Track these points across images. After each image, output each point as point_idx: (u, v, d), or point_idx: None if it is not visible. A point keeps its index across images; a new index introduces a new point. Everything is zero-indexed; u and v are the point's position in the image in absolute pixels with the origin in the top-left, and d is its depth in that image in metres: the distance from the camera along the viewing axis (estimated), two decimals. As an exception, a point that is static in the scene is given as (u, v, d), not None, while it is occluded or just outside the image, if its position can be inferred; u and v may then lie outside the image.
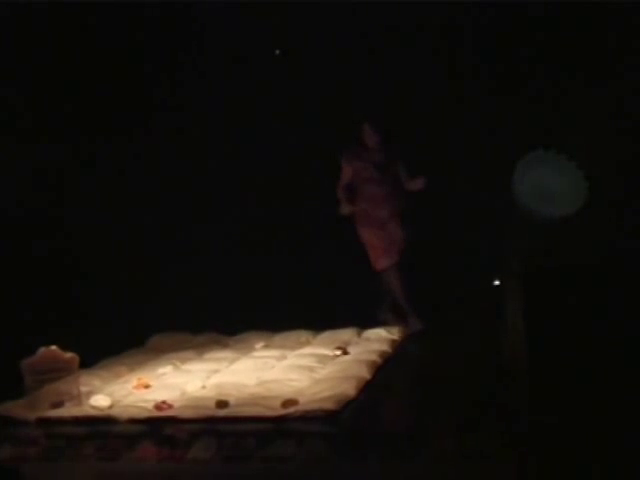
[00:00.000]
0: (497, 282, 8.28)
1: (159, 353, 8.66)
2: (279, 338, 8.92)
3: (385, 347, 8.35)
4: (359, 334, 8.87)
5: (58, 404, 7.09)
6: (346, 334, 8.84)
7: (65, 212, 9.19)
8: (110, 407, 7.03)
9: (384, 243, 8.91)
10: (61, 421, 6.90)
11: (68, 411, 7.01)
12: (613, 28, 8.18)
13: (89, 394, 7.28)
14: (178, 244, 9.55)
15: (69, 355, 7.27)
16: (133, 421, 6.80)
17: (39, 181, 9.06)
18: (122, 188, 9.50)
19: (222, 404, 6.90)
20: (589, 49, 8.17)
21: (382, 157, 8.85)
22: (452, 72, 8.84)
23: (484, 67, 8.62)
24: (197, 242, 9.55)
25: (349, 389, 7.08)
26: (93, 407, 7.03)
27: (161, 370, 8.02)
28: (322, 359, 8.04)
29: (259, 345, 8.74)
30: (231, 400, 6.98)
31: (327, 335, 8.87)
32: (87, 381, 7.54)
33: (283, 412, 6.72)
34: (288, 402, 6.84)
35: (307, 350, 8.41)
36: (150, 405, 6.97)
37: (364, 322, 8.91)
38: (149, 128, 9.51)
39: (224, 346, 8.86)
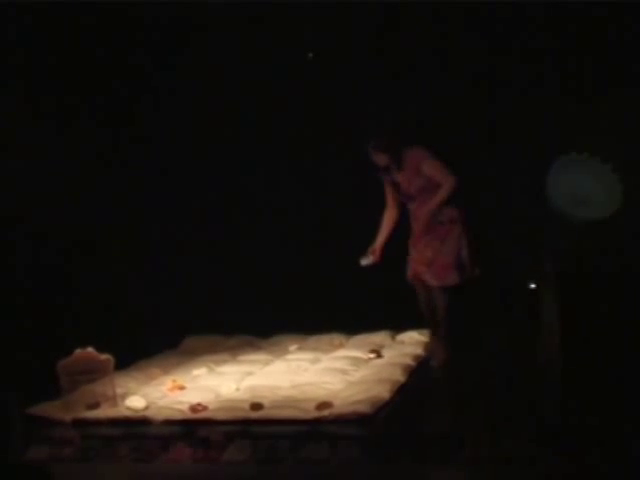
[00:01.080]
0: (532, 284, 8.24)
1: (192, 355, 8.69)
2: (312, 340, 8.93)
3: (419, 350, 8.34)
4: (393, 337, 8.87)
5: (93, 405, 7.12)
6: (380, 337, 8.83)
7: (91, 211, 9.21)
8: (145, 408, 7.05)
9: (412, 263, 8.09)
10: (96, 422, 6.93)
11: (103, 412, 7.04)
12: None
13: (124, 395, 7.30)
14: (212, 245, 9.56)
15: (104, 357, 7.31)
16: (168, 422, 6.82)
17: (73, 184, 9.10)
18: (157, 187, 9.52)
19: (256, 406, 6.92)
20: (623, 49, 8.12)
21: (398, 174, 7.97)
22: (488, 72, 8.79)
23: (520, 68, 8.58)
24: (232, 243, 9.55)
25: (383, 392, 7.08)
26: (128, 408, 7.06)
27: (195, 372, 8.05)
28: (356, 362, 8.04)
29: (293, 347, 8.76)
30: (265, 402, 7.00)
31: (361, 338, 8.86)
32: (122, 382, 7.57)
33: (317, 415, 6.73)
34: (322, 405, 6.85)
35: (341, 353, 8.41)
36: (185, 407, 6.99)
37: (398, 325, 8.89)
38: (173, 128, 9.51)
39: (258, 348, 8.89)
